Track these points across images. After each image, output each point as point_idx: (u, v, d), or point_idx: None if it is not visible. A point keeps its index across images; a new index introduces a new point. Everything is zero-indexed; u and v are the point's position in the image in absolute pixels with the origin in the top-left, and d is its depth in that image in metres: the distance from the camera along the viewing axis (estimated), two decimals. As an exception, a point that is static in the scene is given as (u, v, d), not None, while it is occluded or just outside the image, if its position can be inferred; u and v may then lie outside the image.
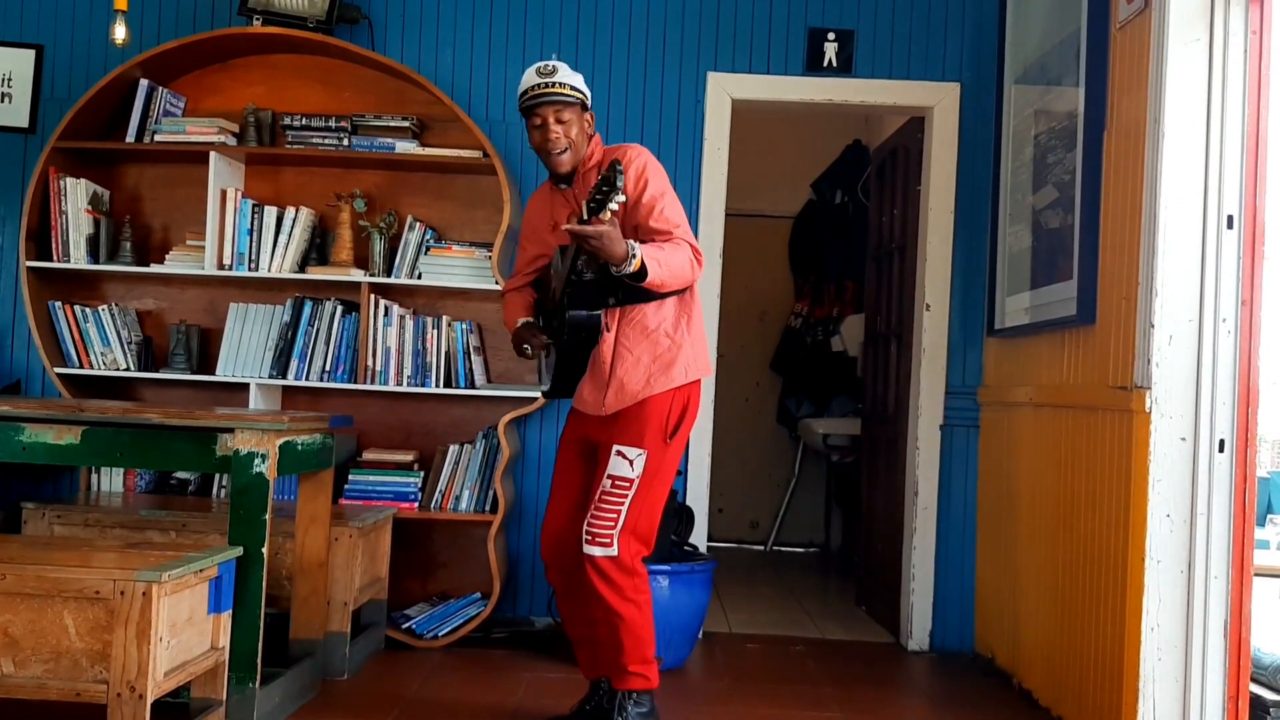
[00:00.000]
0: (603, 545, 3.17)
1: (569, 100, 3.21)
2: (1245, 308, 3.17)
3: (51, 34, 4.80)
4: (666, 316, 3.24)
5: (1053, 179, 3.95)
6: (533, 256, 3.51)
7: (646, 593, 3.26)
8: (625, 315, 3.22)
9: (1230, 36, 3.19)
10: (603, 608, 3.20)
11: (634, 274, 3.02)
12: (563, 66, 3.25)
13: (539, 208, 3.45)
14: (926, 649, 4.72)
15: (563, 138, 3.22)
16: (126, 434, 3.20)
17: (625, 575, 3.19)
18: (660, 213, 3.17)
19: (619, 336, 3.22)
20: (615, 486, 3.19)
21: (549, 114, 3.21)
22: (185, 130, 4.50)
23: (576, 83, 3.25)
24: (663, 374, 3.21)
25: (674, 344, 3.23)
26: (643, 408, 3.21)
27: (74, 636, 2.68)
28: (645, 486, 3.20)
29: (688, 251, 3.16)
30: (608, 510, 3.19)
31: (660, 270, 3.06)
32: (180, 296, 4.74)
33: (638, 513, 3.20)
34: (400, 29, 4.80)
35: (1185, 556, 3.18)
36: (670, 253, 3.11)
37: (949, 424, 4.75)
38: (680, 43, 4.79)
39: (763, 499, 7.56)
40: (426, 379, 4.48)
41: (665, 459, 3.24)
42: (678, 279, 3.14)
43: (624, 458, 3.20)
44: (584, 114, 3.27)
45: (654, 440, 3.21)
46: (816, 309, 7.27)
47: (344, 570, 3.82)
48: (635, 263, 3.00)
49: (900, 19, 4.77)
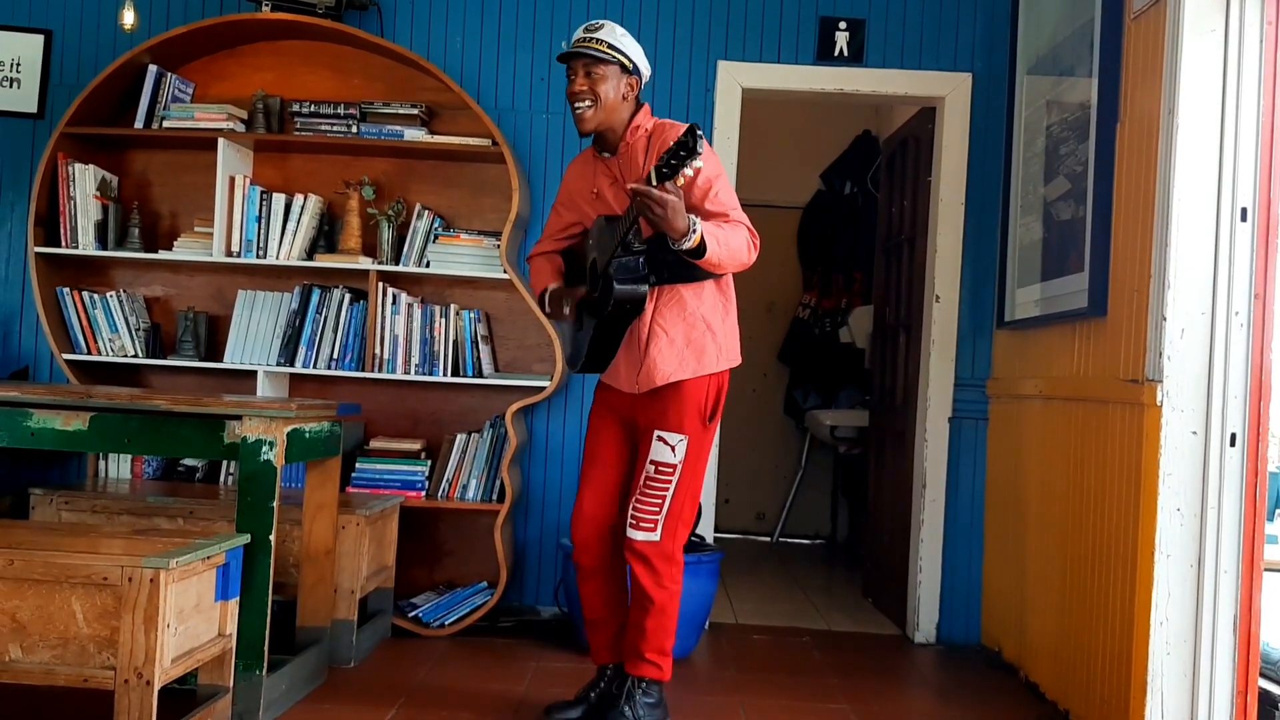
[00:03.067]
0: (646, 530, 3.16)
1: (602, 57, 3.15)
2: (1258, 301, 3.14)
3: (60, 19, 4.80)
4: (705, 301, 3.20)
5: (1065, 170, 3.93)
6: (567, 224, 3.44)
7: (680, 583, 3.24)
8: (664, 295, 3.17)
9: (1246, 28, 3.17)
10: (639, 592, 3.20)
11: (693, 250, 2.97)
12: (613, 26, 3.20)
13: (580, 174, 3.38)
14: (933, 641, 4.71)
15: (588, 92, 3.15)
16: (134, 420, 3.19)
17: (665, 562, 3.19)
18: (716, 195, 3.11)
19: (655, 316, 3.17)
20: (659, 472, 3.17)
21: (579, 66, 3.17)
22: (194, 116, 4.49)
23: (618, 42, 3.17)
24: (695, 359, 3.18)
25: (709, 329, 3.20)
26: (680, 392, 3.18)
27: (82, 622, 2.68)
28: (689, 471, 3.19)
29: (745, 233, 3.12)
30: (653, 496, 3.17)
31: (719, 249, 3.01)
32: (188, 283, 4.73)
33: (682, 499, 3.20)
34: (410, 16, 4.78)
35: (1195, 551, 3.16)
36: (729, 232, 3.06)
37: (958, 416, 4.74)
38: (691, 31, 4.77)
39: (769, 490, 7.56)
40: (434, 367, 4.47)
41: (705, 443, 3.23)
42: (734, 260, 3.09)
43: (666, 443, 3.17)
44: (625, 76, 3.19)
45: (694, 425, 3.19)
46: (825, 300, 7.26)
47: (351, 558, 3.82)
48: (695, 238, 2.94)
49: (912, 8, 4.74)
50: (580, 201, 3.36)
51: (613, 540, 3.31)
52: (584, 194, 3.34)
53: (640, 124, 3.23)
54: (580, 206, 3.37)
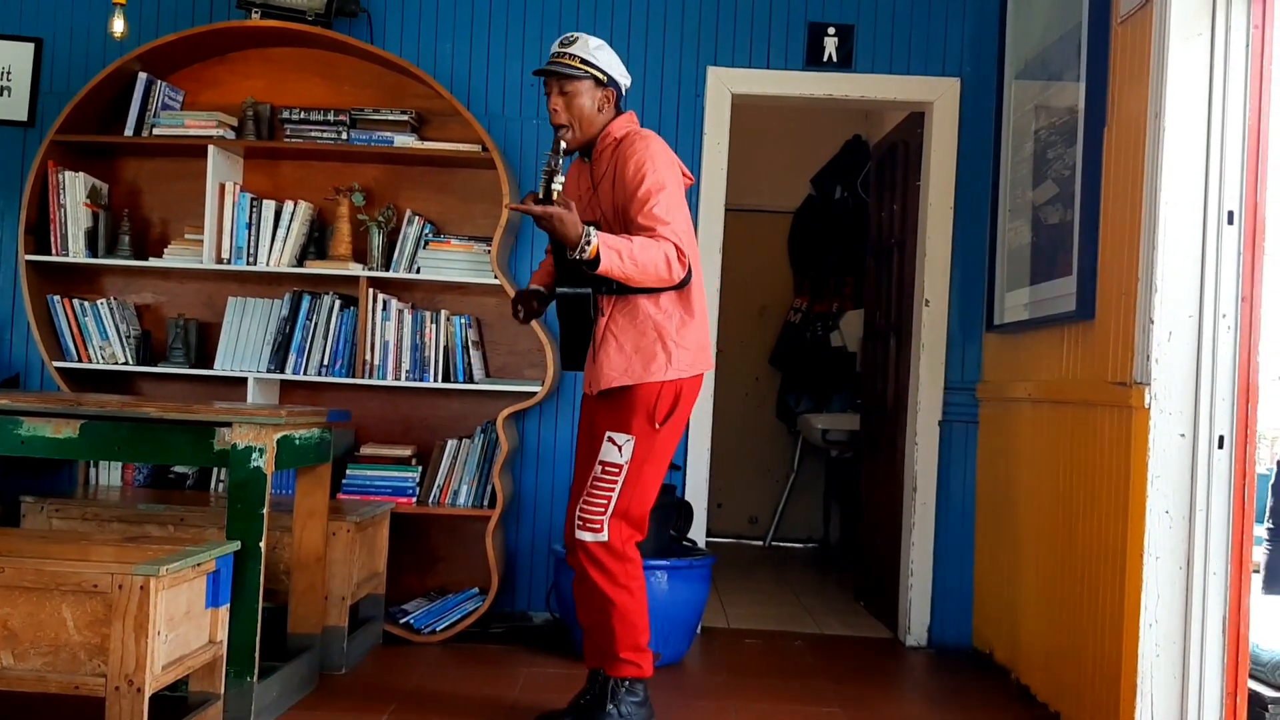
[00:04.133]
0: (593, 530, 3.18)
1: (573, 74, 3.17)
2: (1245, 304, 3.16)
3: (50, 27, 4.80)
4: (662, 310, 3.21)
5: (1053, 174, 3.95)
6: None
7: (639, 579, 3.25)
8: (619, 303, 3.21)
9: (1232, 32, 3.18)
10: (597, 595, 3.21)
11: (588, 261, 3.00)
12: (584, 39, 3.20)
13: (574, 176, 3.43)
14: (925, 644, 4.72)
15: (562, 112, 3.20)
16: (125, 428, 3.19)
17: (616, 560, 3.20)
18: (650, 209, 3.10)
19: (609, 322, 3.22)
20: (605, 472, 3.20)
21: (552, 85, 3.21)
22: (184, 124, 4.49)
23: (590, 56, 3.19)
24: (642, 366, 3.19)
25: (661, 338, 3.20)
26: (631, 395, 3.20)
27: (72, 630, 2.68)
28: (635, 472, 3.21)
29: (666, 250, 3.07)
30: (598, 495, 3.20)
31: (620, 262, 3.01)
32: (179, 290, 4.73)
33: (628, 498, 3.21)
34: (399, 22, 4.79)
35: (1184, 553, 3.18)
36: (642, 247, 3.05)
37: (948, 420, 4.75)
38: (680, 37, 4.79)
39: (762, 494, 7.56)
40: (425, 373, 4.48)
41: (656, 446, 3.23)
42: (645, 275, 3.07)
43: (613, 443, 3.20)
44: (598, 89, 3.21)
45: (641, 426, 3.20)
46: (816, 304, 7.27)
47: (342, 565, 3.82)
48: (590, 249, 2.99)
49: (900, 13, 4.76)
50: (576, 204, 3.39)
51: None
52: (576, 195, 3.38)
53: (612, 132, 3.26)
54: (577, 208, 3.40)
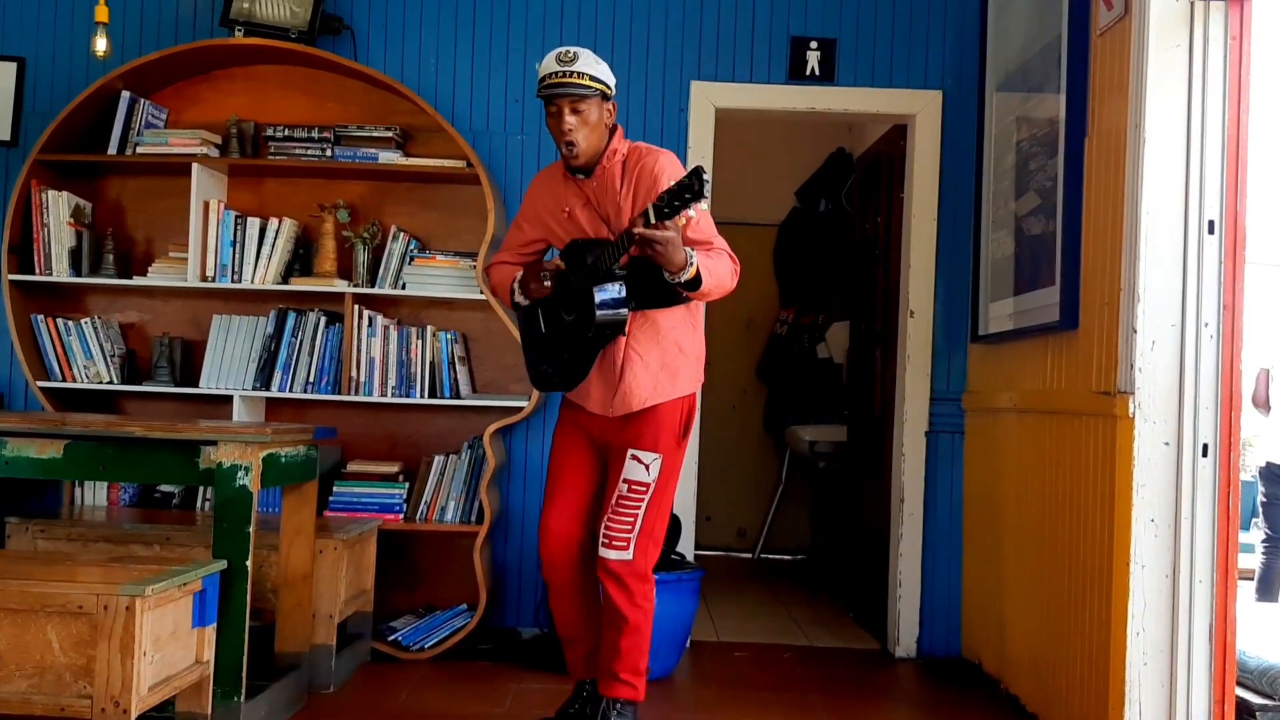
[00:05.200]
0: (619, 550, 3.17)
1: (587, 92, 3.12)
2: (1227, 312, 3.18)
3: (33, 47, 4.79)
4: (676, 325, 3.24)
5: (1035, 185, 3.97)
6: (530, 239, 3.42)
7: (653, 600, 3.25)
8: (637, 320, 3.19)
9: (1210, 42, 3.21)
10: (611, 610, 3.20)
11: (688, 282, 3.00)
12: (585, 54, 3.15)
13: (549, 190, 3.35)
14: (914, 655, 4.72)
15: (577, 130, 3.12)
16: (109, 447, 3.18)
17: (639, 581, 3.20)
18: (699, 224, 3.08)
19: (630, 341, 3.19)
20: (632, 491, 3.19)
21: (564, 105, 3.12)
22: (167, 142, 4.49)
23: (597, 72, 3.15)
24: (670, 382, 3.22)
25: (682, 352, 3.24)
26: (656, 413, 3.21)
27: (58, 651, 2.67)
28: (660, 490, 3.21)
29: (729, 261, 3.15)
30: (625, 515, 3.18)
31: (710, 279, 3.05)
32: (163, 309, 4.72)
33: (654, 517, 3.21)
34: (383, 39, 4.79)
35: (1170, 561, 3.19)
36: (716, 262, 3.10)
37: (934, 430, 4.76)
38: (664, 52, 4.80)
39: (750, 506, 7.56)
40: (411, 389, 4.47)
41: (677, 462, 3.26)
42: (721, 288, 3.13)
43: (640, 462, 3.19)
44: (605, 104, 3.17)
45: (669, 444, 3.22)
46: (802, 316, 7.29)
47: (329, 583, 3.81)
48: (692, 270, 2.98)
49: (882, 27, 4.79)
50: (548, 219, 3.36)
51: (581, 556, 3.30)
52: (553, 212, 3.34)
53: (616, 148, 3.23)
54: (547, 224, 3.36)
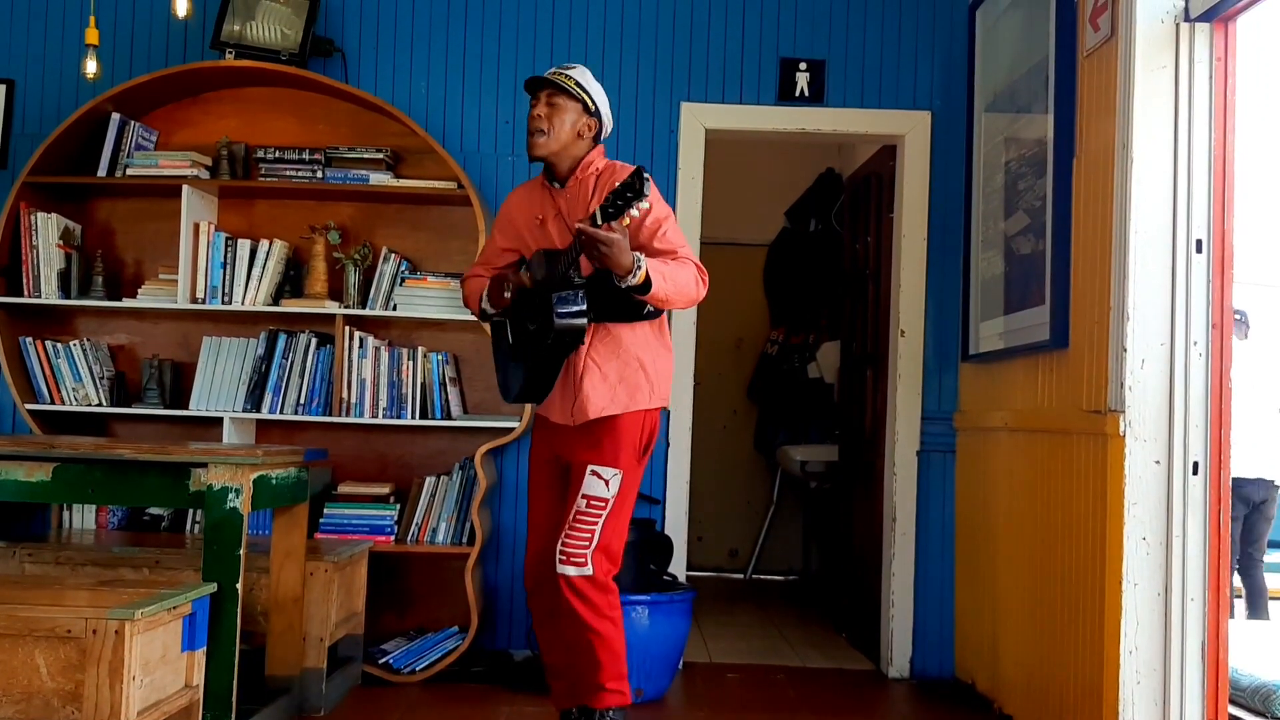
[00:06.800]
0: (577, 565, 3.17)
1: (566, 89, 3.24)
2: (1216, 331, 3.19)
3: (23, 69, 4.79)
4: (640, 342, 3.25)
5: (1024, 205, 3.98)
6: (502, 249, 3.47)
7: (619, 609, 3.27)
8: (600, 332, 3.21)
9: (1196, 63, 3.23)
10: (580, 626, 3.20)
11: (638, 286, 3.01)
12: (585, 70, 3.30)
13: (525, 200, 3.42)
14: (907, 675, 4.71)
15: (545, 120, 3.23)
16: (98, 470, 3.17)
17: (599, 592, 3.20)
18: (665, 234, 3.16)
19: (590, 351, 3.21)
20: (591, 506, 3.20)
21: (541, 94, 3.26)
22: (157, 164, 4.49)
23: (585, 82, 3.28)
24: (628, 395, 3.22)
25: (643, 368, 3.24)
26: (615, 427, 3.21)
27: (46, 676, 2.64)
28: (619, 505, 3.22)
29: (693, 270, 3.17)
30: (582, 530, 3.19)
31: (665, 285, 3.05)
32: (153, 331, 4.70)
33: (611, 532, 3.21)
34: (374, 61, 4.80)
35: (1162, 579, 3.19)
36: (675, 269, 3.11)
37: (926, 449, 4.76)
38: (654, 73, 4.82)
39: (741, 527, 7.55)
40: (402, 410, 4.46)
41: (636, 478, 3.28)
42: (682, 295, 3.14)
43: (600, 478, 3.20)
44: (585, 116, 3.27)
45: (628, 460, 3.23)
46: (792, 336, 7.29)
47: (320, 605, 3.79)
48: (640, 274, 2.99)
49: (871, 49, 4.81)
50: (521, 228, 3.40)
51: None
52: (526, 221, 3.38)
53: (593, 161, 3.29)
54: (520, 233, 3.40)
